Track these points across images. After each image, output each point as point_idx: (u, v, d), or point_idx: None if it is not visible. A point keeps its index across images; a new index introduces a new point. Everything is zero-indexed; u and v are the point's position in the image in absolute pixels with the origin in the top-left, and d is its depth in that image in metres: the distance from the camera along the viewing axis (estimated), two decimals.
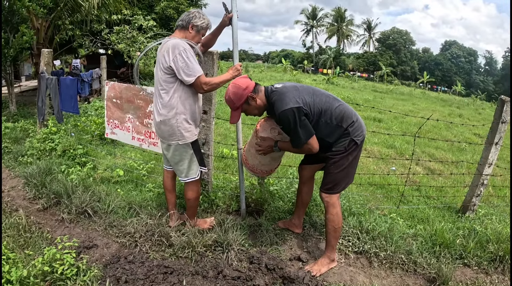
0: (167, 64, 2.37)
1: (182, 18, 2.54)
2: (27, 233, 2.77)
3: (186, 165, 2.62)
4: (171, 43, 2.39)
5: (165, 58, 2.39)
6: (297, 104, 2.23)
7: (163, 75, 2.43)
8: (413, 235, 3.04)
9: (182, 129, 2.50)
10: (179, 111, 2.47)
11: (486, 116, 15.92)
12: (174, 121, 2.47)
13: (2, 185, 3.70)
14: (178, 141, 2.53)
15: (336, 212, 2.46)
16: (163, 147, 2.68)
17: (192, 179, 2.66)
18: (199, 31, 2.54)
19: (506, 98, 3.38)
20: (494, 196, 4.50)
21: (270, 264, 2.36)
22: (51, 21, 7.68)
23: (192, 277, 2.23)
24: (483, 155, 3.62)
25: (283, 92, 2.31)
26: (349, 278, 2.52)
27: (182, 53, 2.34)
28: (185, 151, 2.58)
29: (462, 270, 2.73)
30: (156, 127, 2.60)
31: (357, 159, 2.50)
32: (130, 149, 5.00)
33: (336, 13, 62.14)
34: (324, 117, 2.34)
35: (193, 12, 2.53)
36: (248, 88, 2.33)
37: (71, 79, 4.53)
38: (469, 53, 56.95)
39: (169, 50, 2.37)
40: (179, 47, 2.35)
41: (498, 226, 3.18)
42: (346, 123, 2.36)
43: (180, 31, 2.54)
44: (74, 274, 2.18)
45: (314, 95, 2.36)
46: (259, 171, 2.75)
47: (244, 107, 2.39)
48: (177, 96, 2.45)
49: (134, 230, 2.72)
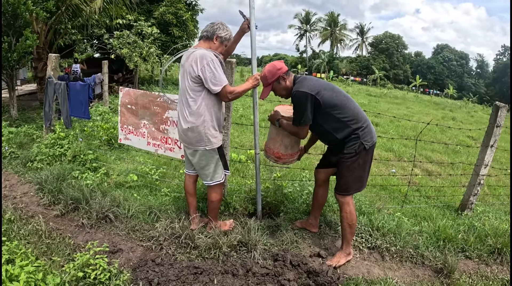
0: (196, 73, 2.49)
1: (206, 30, 2.66)
2: (48, 240, 2.80)
3: (212, 169, 2.74)
4: (199, 53, 2.51)
5: (193, 68, 2.50)
6: (312, 91, 2.49)
7: (191, 84, 2.55)
8: (418, 231, 3.28)
9: (209, 136, 2.62)
10: (207, 118, 2.59)
11: (478, 118, 16.40)
12: (202, 128, 2.59)
13: (13, 191, 3.74)
14: (205, 147, 2.64)
15: (350, 210, 2.66)
16: (188, 153, 2.79)
17: (217, 182, 2.79)
18: (222, 42, 2.68)
19: (501, 104, 3.62)
20: (489, 195, 4.77)
21: (294, 261, 2.53)
22: (51, 25, 7.68)
23: (222, 276, 2.36)
24: (479, 157, 3.84)
25: (306, 79, 2.65)
26: (366, 271, 2.72)
27: (210, 63, 2.47)
28: (212, 156, 2.70)
29: (465, 262, 2.98)
30: (182, 133, 2.71)
31: (368, 164, 2.67)
32: (138, 154, 5.08)
33: (330, 18, 62.90)
34: (335, 111, 2.53)
35: (217, 24, 2.66)
36: (282, 70, 2.65)
37: (81, 85, 4.59)
38: (460, 56, 58.08)
39: (197, 60, 2.49)
40: (207, 57, 2.48)
41: (495, 222, 3.48)
42: (356, 125, 2.54)
43: (205, 41, 2.66)
44: (107, 279, 2.25)
45: (333, 91, 2.58)
46: (280, 155, 2.90)
47: (275, 85, 2.69)
48: (205, 104, 2.57)
49: (159, 233, 2.82)
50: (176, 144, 3.59)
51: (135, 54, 9.84)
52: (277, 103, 3.52)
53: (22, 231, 2.84)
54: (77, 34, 9.26)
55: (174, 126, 3.54)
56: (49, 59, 4.80)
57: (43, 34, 7.60)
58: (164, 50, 13.10)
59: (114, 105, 8.23)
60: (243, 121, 7.77)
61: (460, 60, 57.35)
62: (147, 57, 10.66)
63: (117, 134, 5.19)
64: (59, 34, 8.70)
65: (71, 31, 8.76)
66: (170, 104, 3.47)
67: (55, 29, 8.11)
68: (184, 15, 13.75)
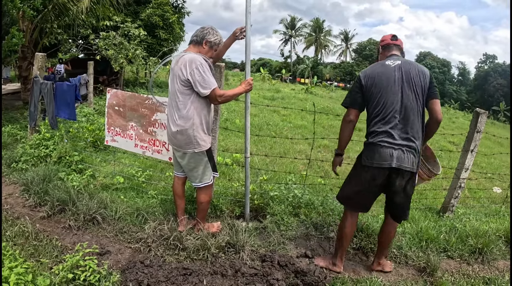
0: (185, 77, 2.53)
1: (196, 34, 2.70)
2: (35, 241, 2.77)
3: (200, 171, 2.77)
4: (188, 57, 2.55)
5: (182, 72, 2.54)
6: (363, 74, 2.42)
7: (180, 88, 2.58)
8: (401, 232, 3.38)
9: (198, 138, 2.65)
10: (196, 121, 2.62)
11: (459, 124, 16.90)
12: (191, 131, 2.62)
13: None
14: (194, 149, 2.67)
15: (341, 222, 2.66)
16: (177, 155, 2.81)
17: (206, 184, 2.82)
18: (212, 47, 2.71)
19: (481, 111, 3.78)
20: (470, 198, 4.94)
21: (282, 261, 2.59)
22: (37, 23, 7.57)
23: (211, 276, 2.39)
24: (460, 161, 3.99)
25: (377, 63, 2.51)
26: (352, 270, 2.81)
27: (198, 67, 2.50)
28: (200, 158, 2.74)
29: (447, 262, 3.10)
30: (171, 136, 2.73)
31: (366, 184, 2.39)
32: (124, 156, 5.05)
33: (315, 24, 63.78)
34: (370, 105, 2.41)
35: (207, 29, 2.70)
36: (383, 42, 2.59)
37: (68, 85, 4.54)
38: (443, 64, 59.67)
39: (186, 64, 2.53)
40: (196, 61, 2.52)
41: (475, 223, 3.64)
42: (368, 131, 2.42)
43: (195, 46, 2.70)
44: (97, 280, 2.25)
45: (389, 88, 2.33)
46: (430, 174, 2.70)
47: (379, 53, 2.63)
48: (194, 107, 2.60)
49: (147, 235, 2.83)
50: (164, 146, 3.60)
51: (120, 55, 9.75)
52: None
53: (8, 232, 2.81)
54: (62, 34, 9.12)
55: (162, 128, 3.55)
56: (36, 58, 4.73)
57: (29, 33, 7.48)
58: (150, 53, 13.03)
59: (99, 107, 8.12)
60: (227, 125, 7.80)
61: (443, 67, 58.96)
62: (132, 59, 10.58)
63: (102, 135, 5.16)
64: (44, 33, 8.57)
65: (56, 30, 8.63)
66: (159, 106, 3.49)
67: (41, 27, 7.99)
68: (170, 17, 13.74)
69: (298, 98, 16.72)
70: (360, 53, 59.92)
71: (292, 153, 6.20)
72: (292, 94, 18.97)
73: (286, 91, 20.82)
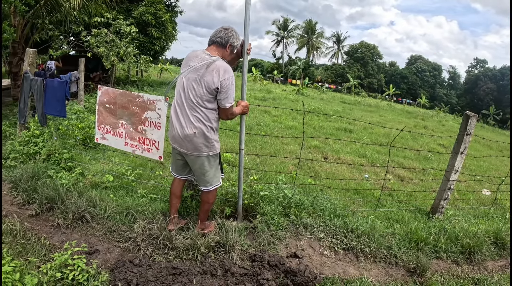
0: (215, 85, 2.45)
1: (220, 36, 2.59)
2: (23, 240, 2.73)
3: (212, 174, 2.74)
4: (222, 65, 2.48)
5: (213, 78, 2.45)
6: None
7: (205, 93, 2.50)
8: (391, 233, 3.41)
9: (214, 141, 2.64)
10: (214, 125, 2.61)
11: (449, 127, 17.10)
12: (209, 134, 2.58)
13: None
14: (208, 153, 2.65)
15: None
16: (188, 160, 2.74)
17: (216, 186, 2.82)
18: (233, 51, 2.67)
19: (471, 114, 3.83)
20: (459, 200, 5.01)
21: (272, 261, 2.59)
22: (29, 19, 7.46)
23: (201, 276, 2.38)
24: (450, 163, 4.04)
25: None
26: (342, 271, 2.82)
27: (231, 78, 2.49)
28: (214, 160, 2.73)
29: (436, 262, 3.14)
30: (183, 140, 2.62)
31: None
32: (113, 154, 5.01)
33: (307, 25, 63.92)
34: None
35: (231, 31, 2.61)
36: None
37: (59, 82, 4.47)
38: (433, 67, 60.49)
39: (219, 71, 2.45)
40: (230, 72, 2.49)
41: (465, 224, 3.69)
42: None
43: (218, 48, 2.60)
44: (86, 280, 2.23)
45: None
46: None
47: None
48: (214, 112, 2.58)
49: (136, 234, 2.81)
50: (154, 145, 3.57)
51: (112, 53, 9.65)
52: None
53: None
54: (54, 30, 9.00)
55: (153, 127, 3.52)
56: (26, 54, 4.66)
57: (20, 28, 7.36)
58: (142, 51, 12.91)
59: (89, 104, 8.04)
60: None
61: (433, 71, 59.76)
62: (124, 56, 10.47)
63: (92, 133, 5.10)
64: (36, 29, 8.45)
65: (48, 26, 8.52)
66: (149, 105, 3.46)
67: (32, 23, 7.87)
68: (163, 16, 13.65)
69: (289, 99, 16.79)
70: (352, 56, 60.28)
71: (283, 154, 6.21)
72: (283, 95, 19.02)
73: (278, 92, 20.85)
